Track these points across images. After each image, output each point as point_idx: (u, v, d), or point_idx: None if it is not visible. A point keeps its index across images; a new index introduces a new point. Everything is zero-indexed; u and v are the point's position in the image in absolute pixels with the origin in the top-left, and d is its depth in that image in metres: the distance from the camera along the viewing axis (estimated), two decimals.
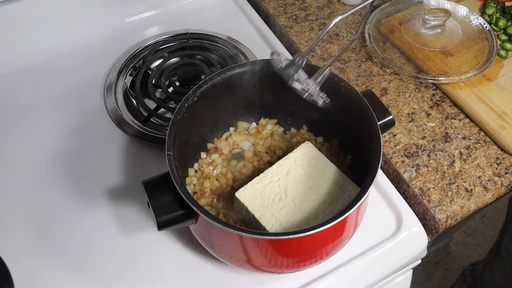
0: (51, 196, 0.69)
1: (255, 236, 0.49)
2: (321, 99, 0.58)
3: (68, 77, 0.84)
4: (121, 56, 0.87)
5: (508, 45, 0.86)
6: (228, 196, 0.64)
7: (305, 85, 0.58)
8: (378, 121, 0.56)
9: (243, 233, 0.48)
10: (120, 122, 0.76)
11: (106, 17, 0.92)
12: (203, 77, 0.81)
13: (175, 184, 0.51)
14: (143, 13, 0.95)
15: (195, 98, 0.60)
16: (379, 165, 0.52)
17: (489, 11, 0.91)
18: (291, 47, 0.89)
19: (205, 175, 0.65)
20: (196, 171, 0.66)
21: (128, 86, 0.81)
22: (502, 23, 0.89)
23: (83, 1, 0.88)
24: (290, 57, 0.59)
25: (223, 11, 0.96)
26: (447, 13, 0.86)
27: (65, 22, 0.89)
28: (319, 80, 0.58)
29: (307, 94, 0.58)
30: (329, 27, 0.54)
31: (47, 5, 0.86)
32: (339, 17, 0.54)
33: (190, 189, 0.64)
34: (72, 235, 0.66)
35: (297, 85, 0.58)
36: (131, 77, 0.83)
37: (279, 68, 0.59)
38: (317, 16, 0.93)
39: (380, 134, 0.54)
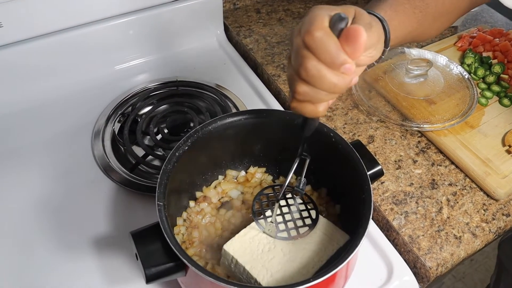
0: (33, 245, 0.67)
1: None
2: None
3: (56, 123, 0.84)
4: (110, 102, 0.87)
5: (487, 93, 0.89)
6: (216, 246, 0.63)
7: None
8: (368, 172, 0.56)
9: (235, 287, 0.47)
10: (107, 170, 0.76)
11: (96, 64, 0.93)
12: (191, 124, 0.82)
13: (166, 236, 0.50)
14: (133, 60, 0.96)
15: (186, 148, 0.60)
16: (370, 216, 0.52)
17: (468, 60, 0.94)
18: (279, 95, 0.91)
19: (193, 224, 0.64)
20: (184, 220, 0.65)
21: (116, 133, 0.81)
22: (480, 72, 0.92)
23: (73, 48, 0.89)
24: None
25: (212, 60, 0.98)
26: (429, 63, 0.89)
27: (54, 69, 0.90)
28: (301, 185, 0.59)
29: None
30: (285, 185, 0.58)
31: (37, 51, 0.87)
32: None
33: (178, 238, 0.63)
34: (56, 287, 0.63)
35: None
36: (120, 124, 0.83)
37: None
38: None
39: (371, 186, 0.55)
